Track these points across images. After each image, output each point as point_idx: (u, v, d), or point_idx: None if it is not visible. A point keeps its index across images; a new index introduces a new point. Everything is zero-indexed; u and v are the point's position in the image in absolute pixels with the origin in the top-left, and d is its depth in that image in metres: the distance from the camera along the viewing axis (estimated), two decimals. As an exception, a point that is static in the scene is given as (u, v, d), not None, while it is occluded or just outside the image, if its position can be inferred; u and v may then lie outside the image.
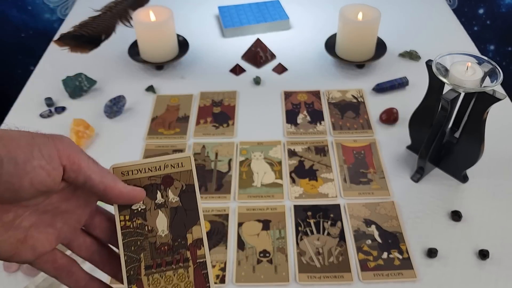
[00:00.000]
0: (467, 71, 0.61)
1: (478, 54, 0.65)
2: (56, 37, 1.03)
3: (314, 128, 0.80)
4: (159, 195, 0.35)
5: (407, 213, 0.66)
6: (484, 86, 0.61)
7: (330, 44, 0.94)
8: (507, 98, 0.78)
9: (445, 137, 0.69)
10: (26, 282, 0.56)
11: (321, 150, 0.76)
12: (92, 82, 0.88)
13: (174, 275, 0.34)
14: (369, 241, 0.63)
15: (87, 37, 1.03)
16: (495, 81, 0.60)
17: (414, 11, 1.11)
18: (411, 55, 0.95)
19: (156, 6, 0.93)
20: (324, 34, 0.96)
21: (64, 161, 0.29)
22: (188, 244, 0.35)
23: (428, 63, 0.64)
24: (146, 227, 0.34)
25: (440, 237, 0.63)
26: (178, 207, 0.35)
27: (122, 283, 0.34)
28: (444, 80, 0.61)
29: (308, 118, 0.82)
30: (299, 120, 0.82)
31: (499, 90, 0.85)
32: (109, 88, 0.89)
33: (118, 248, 0.34)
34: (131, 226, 0.34)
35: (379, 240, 0.63)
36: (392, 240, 0.63)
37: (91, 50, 1.00)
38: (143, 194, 0.34)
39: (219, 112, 0.84)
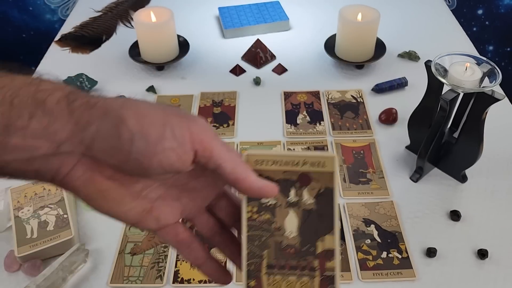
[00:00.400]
0: (466, 71, 0.61)
1: (477, 54, 0.66)
2: (57, 37, 1.03)
3: (314, 128, 0.81)
4: (292, 193, 0.32)
5: (406, 213, 0.66)
6: (483, 87, 0.61)
7: (330, 45, 0.94)
8: (506, 99, 0.78)
9: (444, 137, 0.69)
10: (27, 282, 0.57)
11: (321, 150, 0.77)
12: (93, 82, 0.88)
13: (298, 281, 0.32)
14: (368, 241, 0.63)
15: (88, 38, 1.03)
16: (494, 82, 0.60)
17: (413, 11, 1.11)
18: (410, 56, 0.96)
19: (156, 7, 0.93)
20: (324, 34, 0.97)
21: (196, 145, 0.28)
22: (317, 252, 0.32)
23: (427, 64, 0.65)
24: (273, 224, 0.32)
25: (439, 236, 0.63)
26: (312, 210, 0.32)
27: (239, 268, 0.33)
28: (443, 80, 0.61)
29: (308, 118, 0.83)
30: (298, 120, 0.82)
31: (498, 90, 0.85)
32: (110, 88, 0.90)
33: (240, 239, 0.32)
34: (258, 219, 0.32)
35: (379, 240, 0.63)
36: (392, 239, 0.63)
37: (92, 50, 1.00)
38: (275, 191, 0.31)
39: (219, 112, 0.84)
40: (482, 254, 0.60)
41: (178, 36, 0.95)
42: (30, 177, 0.28)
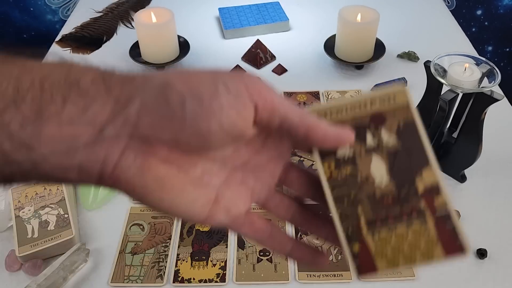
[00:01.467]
0: (465, 71, 0.61)
1: (476, 55, 0.66)
2: (58, 38, 1.03)
3: (314, 128, 0.81)
4: (369, 137, 0.28)
5: (406, 213, 0.67)
6: (482, 87, 0.61)
7: (329, 45, 0.94)
8: (505, 99, 0.78)
9: (443, 137, 0.69)
10: (28, 281, 0.57)
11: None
12: (93, 83, 0.88)
13: (409, 229, 0.27)
14: (368, 240, 0.63)
15: (89, 38, 1.03)
16: (493, 82, 0.60)
17: (413, 12, 1.11)
18: (410, 56, 0.96)
19: (157, 7, 0.94)
20: (324, 35, 0.97)
21: (255, 97, 0.25)
22: (420, 192, 0.27)
23: (427, 64, 0.65)
24: (359, 176, 0.28)
25: (438, 236, 0.63)
26: (397, 149, 0.28)
27: (337, 244, 0.28)
28: (442, 80, 0.61)
29: (308, 118, 0.83)
30: (298, 121, 0.83)
31: (497, 90, 0.85)
32: (110, 89, 0.90)
33: (325, 206, 0.28)
34: (339, 176, 0.28)
35: (378, 239, 0.63)
36: (391, 239, 0.63)
37: (93, 51, 1.00)
38: (352, 135, 0.27)
39: (220, 113, 0.85)
40: (481, 253, 0.60)
41: (179, 37, 0.95)
42: (73, 176, 0.24)
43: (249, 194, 0.29)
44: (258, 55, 0.96)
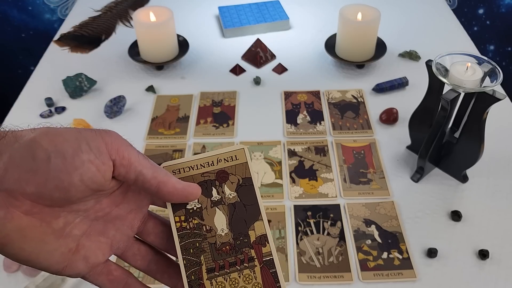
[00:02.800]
0: (467, 71, 0.61)
1: (478, 54, 0.65)
2: (57, 37, 1.03)
3: (314, 128, 0.81)
4: (214, 192, 0.33)
5: (407, 213, 0.66)
6: (484, 86, 0.61)
7: (330, 44, 0.94)
8: (507, 98, 0.78)
9: (445, 137, 0.69)
10: (26, 282, 0.57)
11: (321, 150, 0.76)
12: (92, 82, 0.88)
13: (240, 276, 0.32)
14: (369, 241, 0.63)
15: (87, 37, 1.03)
16: (495, 81, 0.60)
17: (414, 11, 1.11)
18: (411, 55, 0.96)
19: (156, 6, 0.93)
20: (324, 34, 0.97)
21: (114, 155, 0.28)
22: (252, 241, 0.32)
23: (428, 63, 0.64)
24: (204, 227, 0.32)
25: (440, 237, 0.63)
26: (236, 203, 0.33)
27: None
28: (444, 80, 0.61)
29: (308, 118, 0.83)
30: (299, 120, 0.82)
31: (499, 90, 0.85)
32: (109, 88, 0.89)
33: (174, 254, 0.32)
34: (188, 227, 0.32)
35: (379, 240, 0.63)
36: (392, 240, 0.63)
37: (91, 50, 1.00)
38: (199, 190, 0.31)
39: (219, 112, 0.84)
40: (483, 254, 0.60)
41: (178, 36, 0.94)
42: None
43: (109, 244, 0.31)
44: (258, 54, 0.95)
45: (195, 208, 0.32)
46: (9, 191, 0.26)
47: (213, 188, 0.33)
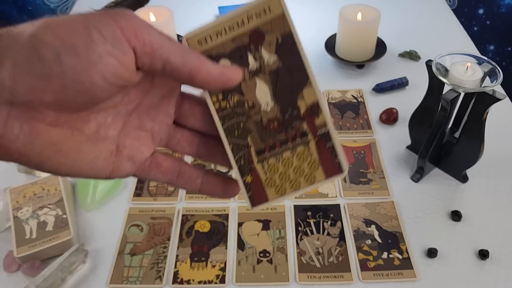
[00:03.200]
0: (467, 71, 0.61)
1: (478, 54, 0.65)
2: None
3: (314, 128, 0.80)
4: (251, 58, 0.28)
5: (407, 213, 0.66)
6: (484, 86, 0.61)
7: (330, 44, 0.94)
8: (507, 98, 0.78)
9: (445, 137, 0.69)
10: (26, 282, 0.56)
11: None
12: (92, 82, 0.88)
13: (293, 155, 0.28)
14: (369, 241, 0.63)
15: (88, 38, 1.03)
16: (495, 81, 0.60)
17: (414, 11, 1.11)
18: (411, 55, 0.96)
19: (156, 6, 0.93)
20: (324, 34, 0.96)
21: (133, 41, 0.23)
22: (302, 113, 0.28)
23: (428, 63, 0.64)
24: (246, 103, 0.28)
25: (440, 237, 0.63)
26: (278, 69, 0.28)
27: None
28: (444, 80, 0.61)
29: (308, 118, 0.82)
30: (299, 120, 0.82)
31: (499, 90, 0.85)
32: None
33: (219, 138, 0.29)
34: (228, 106, 0.28)
35: (379, 240, 0.63)
36: (392, 240, 0.63)
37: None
38: (239, 73, 0.27)
39: (219, 112, 0.84)
40: (483, 254, 0.60)
41: (178, 36, 0.94)
42: None
43: (150, 137, 0.28)
44: (258, 54, 0.95)
45: None
46: (27, 103, 0.22)
47: (249, 54, 0.27)
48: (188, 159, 0.68)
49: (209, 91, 0.28)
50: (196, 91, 0.29)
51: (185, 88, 0.29)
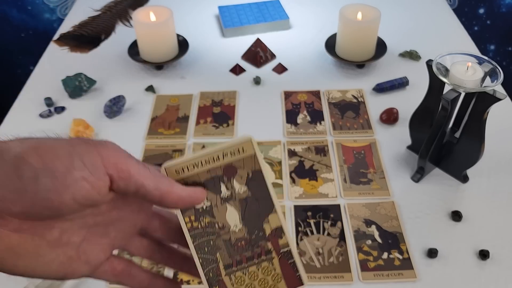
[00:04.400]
0: (467, 71, 0.61)
1: (478, 54, 0.65)
2: (56, 37, 1.03)
3: (314, 128, 0.80)
4: (223, 187, 0.31)
5: (407, 213, 0.66)
6: (485, 86, 0.60)
7: (330, 44, 0.94)
8: (508, 98, 0.78)
9: (446, 137, 0.69)
10: (26, 282, 0.56)
11: (321, 150, 0.76)
12: (91, 82, 0.88)
13: (258, 269, 0.32)
14: (369, 241, 0.63)
15: (87, 37, 1.03)
16: (495, 81, 0.60)
17: (414, 11, 1.11)
18: (411, 55, 0.95)
19: (156, 6, 0.93)
20: (324, 34, 0.96)
21: (111, 169, 0.26)
22: (267, 234, 0.31)
23: (429, 63, 0.64)
24: (216, 225, 0.31)
25: (440, 237, 0.63)
26: (247, 198, 0.31)
27: (191, 274, 0.32)
28: (444, 80, 0.61)
29: (308, 118, 0.82)
30: (299, 120, 0.82)
31: (500, 90, 0.84)
32: (108, 88, 0.89)
33: (187, 248, 0.31)
34: (199, 226, 0.31)
35: (379, 240, 0.63)
36: (392, 240, 0.63)
37: (91, 50, 1.00)
38: (205, 194, 0.30)
39: (219, 112, 0.84)
40: (484, 254, 0.59)
41: (178, 35, 0.94)
42: None
43: (110, 244, 0.30)
44: (258, 54, 0.95)
45: (204, 207, 0.31)
46: None
47: (221, 184, 0.31)
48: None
49: (182, 212, 0.31)
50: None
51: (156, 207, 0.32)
